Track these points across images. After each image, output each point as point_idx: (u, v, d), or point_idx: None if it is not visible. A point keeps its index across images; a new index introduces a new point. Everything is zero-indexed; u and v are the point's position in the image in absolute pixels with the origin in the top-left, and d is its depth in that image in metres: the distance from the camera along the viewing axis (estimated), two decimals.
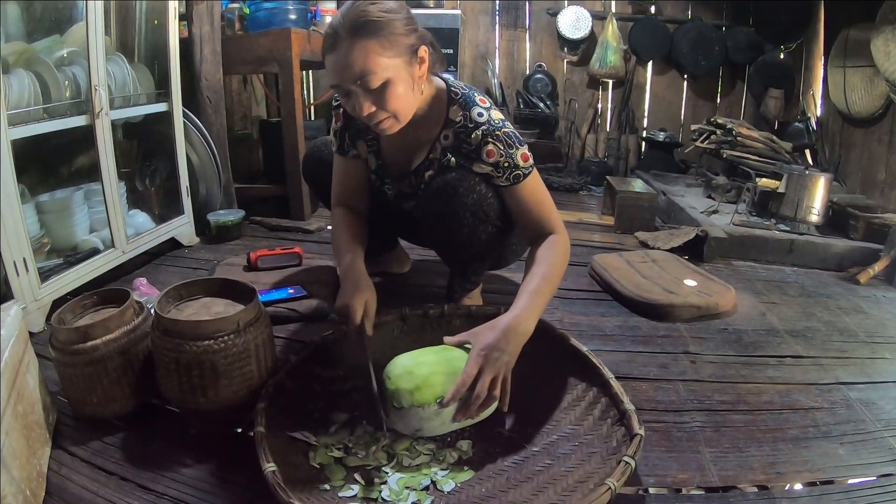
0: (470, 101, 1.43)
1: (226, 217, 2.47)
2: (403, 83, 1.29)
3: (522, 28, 4.38)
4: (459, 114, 1.42)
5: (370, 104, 1.27)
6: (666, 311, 1.81)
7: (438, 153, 1.47)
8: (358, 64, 1.22)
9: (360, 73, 1.23)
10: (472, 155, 1.42)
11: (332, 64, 1.25)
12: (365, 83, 1.24)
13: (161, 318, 1.11)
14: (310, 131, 2.90)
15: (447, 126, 1.44)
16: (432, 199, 1.47)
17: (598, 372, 1.24)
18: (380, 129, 1.33)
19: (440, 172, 1.47)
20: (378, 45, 1.22)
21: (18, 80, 1.64)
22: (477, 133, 1.39)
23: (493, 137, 1.39)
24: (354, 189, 1.63)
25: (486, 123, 1.40)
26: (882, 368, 1.58)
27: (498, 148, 1.38)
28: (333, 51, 1.24)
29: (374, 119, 1.30)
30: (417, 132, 1.45)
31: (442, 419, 1.10)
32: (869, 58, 2.96)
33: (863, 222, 2.56)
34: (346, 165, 1.60)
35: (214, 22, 2.49)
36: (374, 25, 1.22)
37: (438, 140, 1.46)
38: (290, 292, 1.76)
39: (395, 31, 1.24)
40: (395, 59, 1.25)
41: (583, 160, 4.39)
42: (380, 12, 1.23)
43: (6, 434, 0.91)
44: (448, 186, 1.43)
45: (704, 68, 4.22)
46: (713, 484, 1.10)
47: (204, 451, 1.14)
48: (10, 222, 1.50)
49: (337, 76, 1.26)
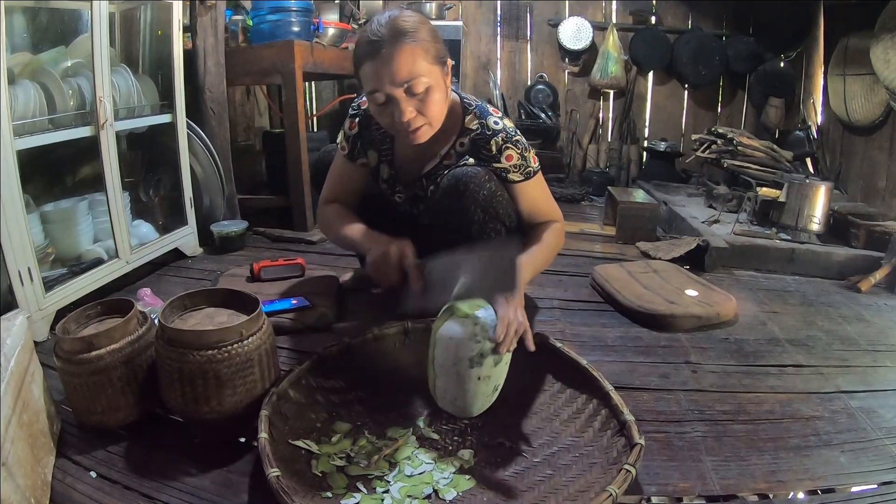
0: (485, 111, 1.51)
1: (229, 228, 2.49)
2: (440, 90, 1.35)
3: (524, 39, 4.41)
4: (475, 122, 1.49)
5: (412, 109, 1.30)
6: (667, 321, 1.81)
7: (454, 159, 1.52)
8: (406, 67, 1.27)
9: (409, 76, 1.27)
10: (492, 160, 1.48)
11: (375, 69, 1.29)
12: (411, 87, 1.28)
13: (165, 327, 1.12)
14: (313, 142, 2.91)
15: (463, 134, 1.50)
16: (442, 195, 1.50)
17: (598, 384, 1.25)
18: (415, 136, 1.37)
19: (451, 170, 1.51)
20: (422, 51, 1.28)
21: (24, 91, 1.66)
22: (497, 139, 1.47)
23: (512, 143, 1.47)
24: (351, 192, 1.68)
25: (503, 131, 1.48)
26: (883, 377, 1.57)
27: (516, 152, 1.48)
28: (376, 56, 1.27)
29: (413, 125, 1.34)
30: (433, 141, 1.48)
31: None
32: (869, 66, 2.97)
33: (864, 230, 2.56)
34: (349, 169, 1.64)
35: (218, 34, 2.51)
36: (417, 34, 1.28)
37: (454, 147, 1.51)
38: (293, 303, 1.77)
39: (430, 39, 1.31)
40: (434, 66, 1.32)
41: (584, 170, 4.41)
42: (416, 23, 1.30)
43: (11, 443, 0.92)
44: (459, 182, 1.46)
45: (705, 78, 4.24)
46: (714, 493, 1.10)
47: (207, 460, 1.14)
48: (15, 232, 1.52)
49: (381, 81, 1.29)
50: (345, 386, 1.33)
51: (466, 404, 1.20)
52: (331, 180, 1.69)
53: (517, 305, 1.21)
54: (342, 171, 1.66)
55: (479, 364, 1.16)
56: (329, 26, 2.96)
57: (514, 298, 1.22)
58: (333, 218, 1.64)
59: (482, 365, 1.16)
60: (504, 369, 1.21)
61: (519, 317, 1.19)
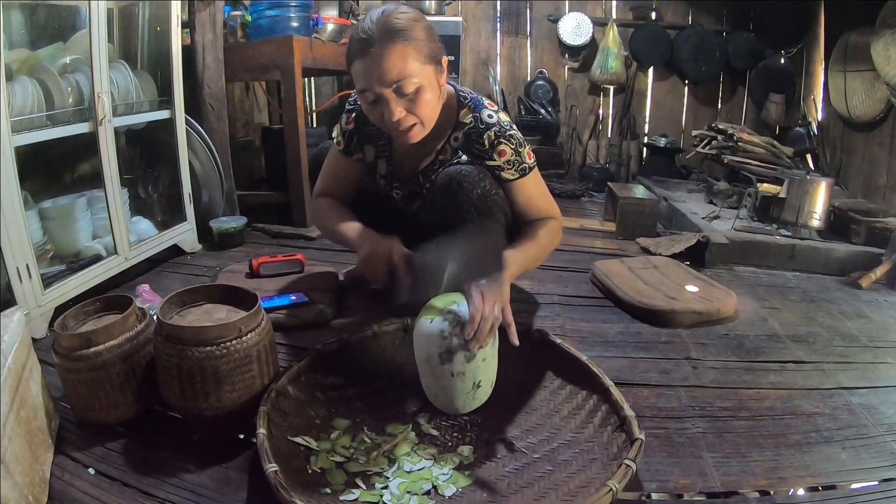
0: (479, 104, 1.48)
1: (228, 224, 2.48)
2: (432, 90, 1.33)
3: (524, 35, 4.40)
4: (469, 116, 1.48)
5: (401, 109, 1.30)
6: (668, 317, 1.81)
7: (449, 154, 1.50)
8: (395, 68, 1.25)
9: (398, 77, 1.26)
10: (485, 155, 1.46)
11: (365, 68, 1.28)
12: (400, 87, 1.27)
13: (164, 324, 1.11)
14: (312, 138, 2.90)
15: (457, 128, 1.48)
16: (437, 194, 1.49)
17: (599, 380, 1.25)
18: (407, 136, 1.36)
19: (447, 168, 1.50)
20: (413, 51, 1.27)
21: (22, 88, 1.65)
22: (489, 133, 1.45)
23: (506, 138, 1.45)
24: (344, 187, 1.68)
25: (497, 125, 1.46)
26: (884, 373, 1.57)
27: (510, 147, 1.45)
28: (366, 55, 1.26)
29: (403, 125, 1.33)
30: (430, 137, 1.47)
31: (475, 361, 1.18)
32: (869, 62, 2.97)
33: (864, 226, 2.56)
34: (345, 164, 1.63)
35: (217, 30, 2.51)
36: (409, 32, 1.26)
37: (448, 142, 1.50)
38: (293, 299, 1.76)
39: (424, 38, 1.29)
40: (426, 65, 1.31)
41: (584, 166, 4.40)
42: (409, 21, 1.28)
43: (9, 440, 0.92)
44: (453, 181, 1.44)
45: (705, 74, 4.23)
46: (715, 489, 1.09)
47: (206, 456, 1.14)
48: (13, 228, 1.51)
49: (370, 80, 1.28)
50: (344, 382, 1.33)
51: (448, 401, 1.21)
52: (325, 174, 1.69)
53: (496, 299, 1.19)
54: (336, 166, 1.66)
55: (450, 360, 1.16)
56: (328, 22, 2.95)
57: (491, 292, 1.20)
58: (326, 212, 1.64)
59: (452, 361, 1.16)
60: (485, 366, 1.20)
61: (496, 311, 1.17)
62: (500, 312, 1.19)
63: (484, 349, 1.18)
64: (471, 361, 1.17)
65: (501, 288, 1.26)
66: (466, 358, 1.16)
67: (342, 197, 1.68)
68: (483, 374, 1.21)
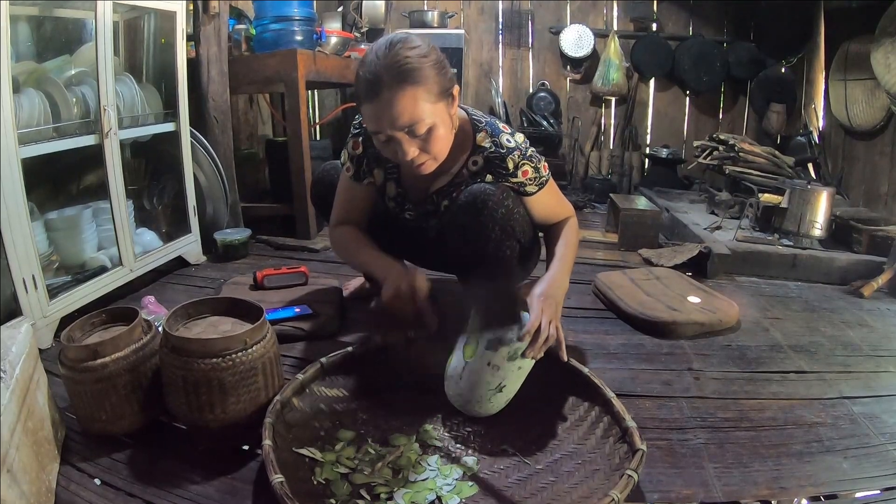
0: (496, 129, 1.48)
1: (232, 236, 2.50)
2: (444, 126, 1.32)
3: (525, 47, 4.43)
4: (488, 140, 1.47)
5: (415, 149, 1.30)
6: (669, 328, 1.81)
7: (467, 177, 1.50)
8: (407, 112, 1.24)
9: (409, 122, 1.25)
10: (509, 176, 1.48)
11: (376, 111, 1.26)
12: (413, 130, 1.26)
13: (170, 336, 1.12)
14: (315, 151, 2.92)
15: (475, 153, 1.48)
16: (459, 212, 1.47)
17: (601, 392, 1.25)
18: (420, 170, 1.36)
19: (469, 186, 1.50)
20: (424, 92, 1.24)
21: (29, 100, 1.67)
22: (513, 157, 1.45)
23: (527, 159, 1.47)
24: (361, 212, 1.66)
25: (517, 149, 1.46)
26: (886, 382, 1.57)
27: (531, 167, 1.47)
28: (376, 98, 1.24)
29: (417, 162, 1.33)
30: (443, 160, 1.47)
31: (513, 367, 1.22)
32: (869, 70, 2.98)
33: (866, 235, 2.56)
34: (357, 190, 1.61)
35: (221, 43, 2.53)
36: (419, 73, 1.23)
37: (466, 166, 1.49)
38: (297, 311, 1.77)
39: (434, 75, 1.26)
40: (438, 103, 1.28)
41: (586, 177, 4.42)
42: (420, 58, 1.24)
43: (17, 449, 0.92)
44: (478, 200, 1.43)
45: (706, 84, 4.25)
46: (717, 499, 1.10)
47: (211, 467, 1.14)
48: (19, 239, 1.52)
49: (381, 124, 1.27)
50: (348, 394, 1.34)
51: (468, 389, 1.23)
52: (339, 203, 1.66)
53: (552, 318, 1.24)
54: (349, 193, 1.63)
55: (494, 349, 1.21)
56: (332, 35, 2.97)
57: (550, 308, 1.25)
58: (347, 242, 1.63)
59: (496, 351, 1.20)
60: (516, 374, 1.23)
61: (551, 329, 1.22)
62: (555, 331, 1.23)
63: (526, 359, 1.21)
64: (510, 361, 1.20)
65: (558, 306, 1.31)
66: (509, 355, 1.20)
67: (361, 223, 1.66)
68: (511, 380, 1.23)
